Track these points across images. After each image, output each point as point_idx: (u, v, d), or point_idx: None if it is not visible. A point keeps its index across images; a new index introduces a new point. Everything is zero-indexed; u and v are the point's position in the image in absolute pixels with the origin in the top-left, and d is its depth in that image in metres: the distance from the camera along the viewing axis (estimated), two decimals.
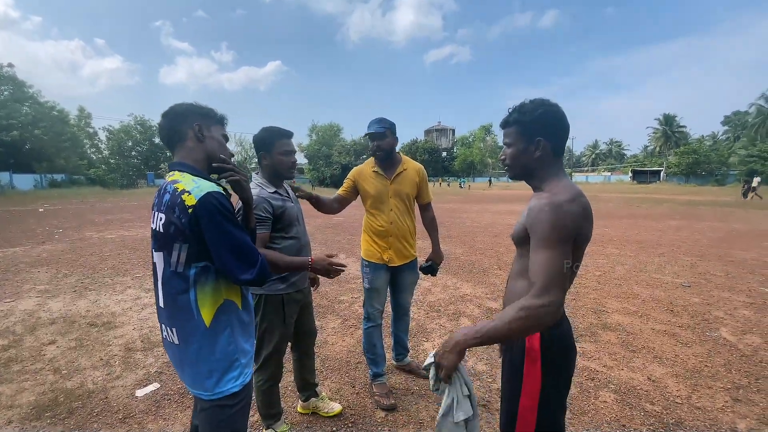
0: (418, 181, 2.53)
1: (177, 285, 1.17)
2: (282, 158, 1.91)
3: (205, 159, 1.28)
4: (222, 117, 1.35)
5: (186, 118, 1.26)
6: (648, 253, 6.75)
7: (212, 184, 1.19)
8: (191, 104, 1.29)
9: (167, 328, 1.23)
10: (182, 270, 1.16)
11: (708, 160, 42.24)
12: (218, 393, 1.22)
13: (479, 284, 5.01)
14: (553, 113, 1.18)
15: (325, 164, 41.96)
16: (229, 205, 1.17)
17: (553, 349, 1.18)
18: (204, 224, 1.11)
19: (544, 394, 1.18)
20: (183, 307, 1.18)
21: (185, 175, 1.20)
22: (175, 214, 1.12)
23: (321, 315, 3.92)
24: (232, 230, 1.15)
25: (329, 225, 10.59)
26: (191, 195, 1.12)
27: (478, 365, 2.92)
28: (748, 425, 2.21)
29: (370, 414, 2.36)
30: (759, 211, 14.43)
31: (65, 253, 6.93)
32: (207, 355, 1.19)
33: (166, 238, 1.16)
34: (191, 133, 1.25)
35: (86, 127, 43.24)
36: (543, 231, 1.07)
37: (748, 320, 3.71)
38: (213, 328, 1.19)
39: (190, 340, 1.19)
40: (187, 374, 1.23)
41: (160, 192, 1.22)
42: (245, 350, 1.28)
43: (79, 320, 3.82)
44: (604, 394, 2.53)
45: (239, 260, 1.15)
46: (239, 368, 1.25)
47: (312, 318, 2.25)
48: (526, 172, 1.24)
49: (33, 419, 2.30)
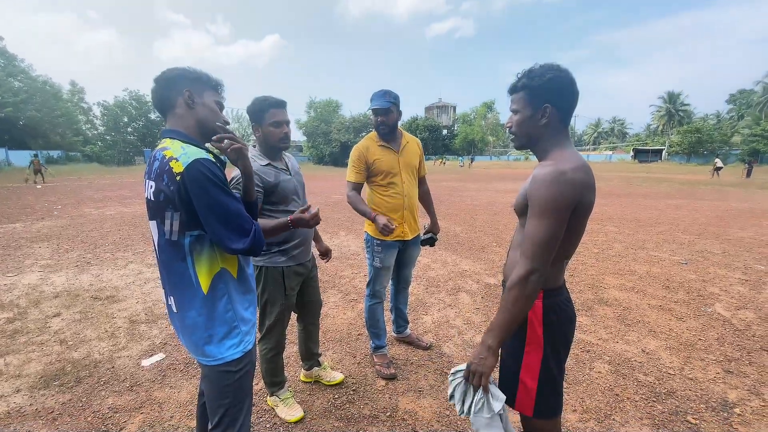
0: (419, 153, 2.52)
1: (173, 253, 1.17)
2: (273, 129, 1.84)
3: (197, 126, 1.23)
4: (216, 82, 1.30)
5: (176, 84, 1.21)
6: (646, 232, 6.78)
7: (201, 151, 1.15)
8: (183, 69, 1.23)
9: (168, 296, 1.24)
10: (176, 239, 1.15)
11: (711, 140, 41.85)
12: (219, 359, 1.23)
13: (478, 260, 5.05)
14: (563, 78, 1.14)
15: (324, 141, 41.44)
16: (219, 172, 1.14)
17: (553, 316, 1.20)
18: (192, 192, 1.08)
19: (546, 360, 1.21)
20: (180, 275, 1.18)
21: (175, 142, 1.17)
22: (164, 181, 1.10)
23: (322, 290, 3.96)
24: (222, 198, 1.11)
25: (328, 203, 10.58)
26: (179, 162, 1.09)
27: (476, 337, 2.98)
28: (738, 395, 2.27)
29: (371, 383, 2.43)
30: (758, 190, 14.42)
31: (65, 229, 6.94)
32: (206, 321, 1.20)
33: (158, 207, 1.14)
34: (181, 99, 1.20)
35: (80, 103, 42.45)
36: (540, 200, 1.08)
37: (743, 296, 3.77)
38: (210, 295, 1.19)
39: (189, 306, 1.19)
40: (189, 341, 1.24)
41: (151, 160, 1.19)
42: (245, 318, 1.29)
43: (82, 294, 3.86)
44: (599, 365, 2.59)
45: (230, 229, 1.12)
46: (239, 335, 1.26)
47: (317, 289, 2.27)
48: (532, 140, 1.22)
49: (41, 388, 2.36)
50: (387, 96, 2.28)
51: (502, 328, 1.13)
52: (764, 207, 9.83)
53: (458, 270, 4.66)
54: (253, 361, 1.36)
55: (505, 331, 1.13)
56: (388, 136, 2.38)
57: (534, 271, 1.08)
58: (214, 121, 1.25)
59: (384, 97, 2.27)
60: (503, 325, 1.12)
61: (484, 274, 4.51)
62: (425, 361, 2.67)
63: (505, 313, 1.12)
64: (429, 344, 2.84)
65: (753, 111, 48.40)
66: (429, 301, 3.73)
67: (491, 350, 1.13)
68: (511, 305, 1.11)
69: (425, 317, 3.37)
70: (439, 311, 3.49)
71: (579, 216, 1.13)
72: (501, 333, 1.13)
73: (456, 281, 4.26)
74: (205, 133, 1.25)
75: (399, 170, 2.39)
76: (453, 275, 4.47)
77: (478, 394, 1.17)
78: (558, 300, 1.22)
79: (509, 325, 1.12)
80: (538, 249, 1.08)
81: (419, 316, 3.38)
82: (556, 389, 1.26)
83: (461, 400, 1.22)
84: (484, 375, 1.14)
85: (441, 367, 2.59)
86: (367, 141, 2.41)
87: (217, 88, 1.30)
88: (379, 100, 2.27)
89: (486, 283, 4.20)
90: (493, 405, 1.16)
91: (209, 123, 1.24)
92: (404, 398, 2.27)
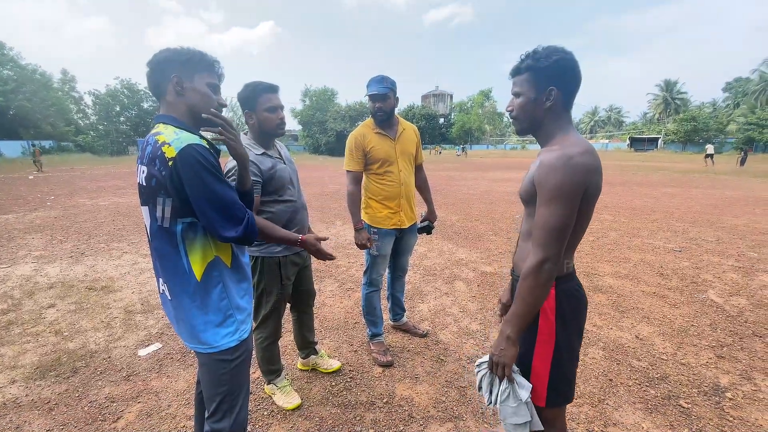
0: (416, 140, 2.50)
1: (165, 240, 1.15)
2: (268, 115, 1.79)
3: (188, 113, 1.19)
4: (210, 62, 1.22)
5: (164, 70, 1.16)
6: (641, 219, 6.82)
7: (194, 136, 1.13)
8: (173, 51, 1.17)
9: (162, 283, 1.22)
10: (168, 225, 1.13)
11: (706, 128, 41.93)
12: (214, 347, 1.22)
13: (474, 249, 5.06)
14: (569, 61, 1.11)
15: (319, 130, 41.07)
16: (213, 159, 1.11)
17: (565, 303, 1.19)
18: (185, 177, 1.06)
19: (558, 347, 1.20)
20: (173, 262, 1.16)
21: (168, 128, 1.14)
22: (156, 166, 1.08)
23: (319, 279, 3.96)
24: (214, 184, 1.09)
25: (325, 192, 10.53)
26: (171, 147, 1.06)
27: (472, 325, 3.00)
28: (730, 380, 2.31)
29: (368, 370, 2.44)
30: (752, 178, 14.51)
31: (59, 220, 6.87)
32: (200, 309, 1.19)
33: (149, 192, 1.12)
34: (170, 86, 1.16)
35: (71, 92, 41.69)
36: (550, 186, 1.06)
37: (736, 283, 3.81)
38: (204, 283, 1.18)
39: (183, 294, 1.18)
40: (183, 328, 1.23)
41: (144, 145, 1.17)
42: (240, 306, 1.28)
43: (77, 284, 3.84)
44: (593, 351, 2.62)
45: (222, 216, 1.10)
46: (234, 324, 1.25)
47: (311, 279, 2.27)
48: (535, 124, 1.19)
49: (37, 378, 2.35)
50: (384, 82, 2.24)
51: (519, 318, 1.12)
52: (758, 195, 9.90)
53: (454, 258, 4.67)
54: (250, 349, 1.36)
55: (523, 321, 1.13)
56: (385, 122, 2.34)
57: (548, 260, 1.07)
58: (206, 106, 1.20)
59: (381, 82, 2.24)
60: (521, 315, 1.12)
61: (480, 262, 4.53)
62: (422, 348, 2.69)
63: (521, 303, 1.12)
64: (425, 332, 2.86)
65: (749, 99, 48.43)
66: (425, 289, 3.74)
67: (510, 340, 1.14)
68: (526, 295, 1.10)
69: (422, 305, 3.38)
70: (435, 299, 3.50)
71: (588, 201, 1.11)
72: (519, 323, 1.13)
73: (452, 270, 4.27)
74: (197, 118, 1.21)
75: (396, 158, 2.36)
76: (449, 264, 4.48)
77: (503, 384, 1.18)
78: (569, 286, 1.21)
79: (526, 315, 1.12)
80: (551, 237, 1.07)
81: (416, 304, 3.40)
82: (567, 377, 1.25)
83: (488, 390, 1.24)
84: (506, 365, 1.15)
85: (437, 355, 2.61)
86: (363, 128, 2.37)
87: (211, 68, 1.23)
88: (377, 86, 2.23)
89: (482, 271, 4.22)
90: (519, 393, 1.17)
91: (200, 109, 1.20)
92: (401, 385, 2.29)
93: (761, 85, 48.45)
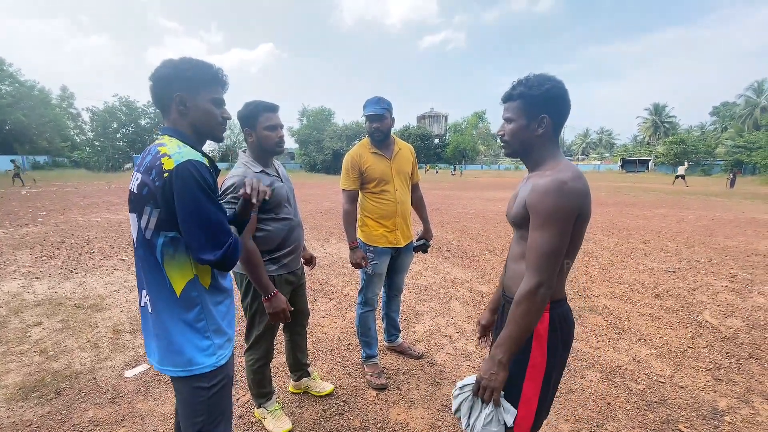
0: (412, 160, 2.53)
1: (148, 251, 1.13)
2: (268, 133, 1.82)
3: (192, 130, 1.19)
4: (213, 74, 1.18)
5: (168, 86, 1.14)
6: (635, 240, 6.86)
7: (196, 153, 1.12)
8: (176, 66, 1.14)
9: (145, 295, 1.18)
10: (150, 237, 1.11)
11: (695, 150, 42.86)
12: (187, 370, 1.16)
13: (470, 269, 5.05)
14: (559, 89, 1.14)
15: (316, 149, 41.44)
16: (210, 179, 1.10)
17: (558, 327, 1.19)
18: (176, 191, 1.05)
19: (548, 371, 1.19)
20: (155, 274, 1.13)
21: (173, 140, 1.14)
22: (151, 176, 1.07)
23: (313, 298, 3.91)
24: (204, 203, 1.07)
25: (320, 210, 10.53)
26: (171, 159, 1.06)
27: (468, 346, 2.96)
28: (728, 403, 2.28)
29: (362, 393, 2.38)
30: (742, 200, 14.74)
31: (49, 236, 6.78)
32: (177, 327, 1.15)
33: (139, 200, 1.10)
34: (173, 104, 1.15)
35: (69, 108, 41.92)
36: (546, 210, 1.06)
37: (730, 304, 3.82)
38: (183, 301, 1.14)
39: (164, 308, 1.14)
40: (157, 347, 1.17)
41: (145, 154, 1.16)
42: (220, 329, 1.22)
43: (65, 302, 3.75)
44: (591, 373, 2.59)
45: (204, 237, 1.07)
46: (211, 348, 1.19)
47: (305, 298, 2.23)
48: (525, 149, 1.21)
49: (19, 399, 2.27)
50: (381, 102, 2.29)
51: (512, 342, 1.11)
52: (748, 216, 10.04)
53: (450, 278, 4.65)
54: (230, 376, 1.29)
55: (516, 345, 1.12)
56: (382, 142, 2.37)
57: (542, 284, 1.07)
58: (210, 123, 1.21)
59: (378, 103, 2.28)
60: (513, 339, 1.11)
61: (476, 282, 4.51)
62: (417, 370, 2.64)
63: (514, 327, 1.10)
64: (421, 353, 2.81)
65: (736, 123, 49.77)
66: (421, 309, 3.70)
67: (502, 365, 1.12)
68: (520, 319, 1.09)
69: (417, 326, 3.34)
70: (430, 320, 3.46)
71: (580, 225, 1.13)
72: (511, 347, 1.11)
73: (448, 289, 4.24)
74: (202, 135, 1.22)
75: (391, 177, 2.38)
76: (445, 283, 4.45)
77: (487, 408, 1.16)
78: (562, 310, 1.21)
79: (519, 339, 1.11)
80: (545, 261, 1.07)
81: (411, 325, 3.35)
82: (550, 399, 1.25)
83: (467, 414, 1.21)
84: (495, 390, 1.13)
85: (433, 377, 2.56)
86: (360, 148, 2.40)
87: (215, 81, 1.20)
88: (374, 107, 2.27)
89: (478, 291, 4.19)
90: (505, 418, 1.15)
91: (204, 127, 1.20)
92: (395, 409, 2.23)
93: (747, 110, 49.95)
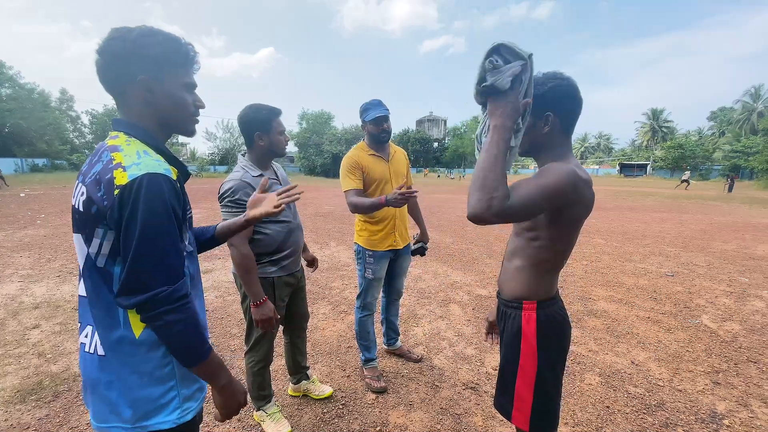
0: (407, 163, 2.56)
1: (99, 281, 0.89)
2: (280, 138, 1.88)
3: (156, 122, 0.95)
4: (185, 53, 0.95)
5: (125, 68, 0.88)
6: (633, 244, 6.88)
7: (159, 163, 0.87)
8: (134, 40, 0.88)
9: (89, 334, 0.92)
10: (103, 265, 0.87)
11: (693, 155, 43.08)
12: (138, 427, 0.90)
13: (469, 272, 5.05)
14: (566, 87, 1.13)
15: (315, 153, 41.55)
16: (174, 199, 0.87)
17: (546, 328, 1.19)
18: (126, 210, 0.81)
19: (540, 372, 1.19)
20: (107, 309, 0.89)
21: (133, 143, 0.89)
22: (99, 192, 0.83)
23: (312, 301, 3.91)
24: (151, 230, 0.82)
25: (320, 214, 10.53)
26: (125, 173, 0.82)
27: (467, 349, 2.96)
28: (727, 407, 2.29)
29: (361, 396, 2.38)
30: (740, 204, 14.80)
31: (48, 238, 6.77)
32: (133, 373, 0.89)
33: (86, 220, 0.86)
34: (136, 89, 0.90)
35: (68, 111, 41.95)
36: (544, 176, 1.06)
37: (728, 308, 3.83)
38: (144, 344, 0.90)
39: (115, 351, 0.89)
40: (100, 397, 0.91)
41: (93, 158, 0.90)
42: (190, 377, 0.97)
43: (63, 305, 3.74)
44: (590, 377, 2.59)
45: (129, 273, 0.82)
46: (176, 400, 0.94)
47: (305, 301, 2.24)
48: (534, 148, 1.21)
49: (17, 402, 2.26)
50: (383, 104, 2.33)
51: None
52: (746, 220, 10.08)
53: (449, 281, 4.65)
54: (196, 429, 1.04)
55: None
56: (386, 144, 2.40)
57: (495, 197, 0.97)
58: (181, 115, 0.98)
59: (381, 105, 2.32)
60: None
61: (475, 285, 4.51)
62: (416, 374, 2.64)
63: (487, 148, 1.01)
64: (420, 357, 2.81)
65: (733, 128, 50.10)
66: (420, 312, 3.70)
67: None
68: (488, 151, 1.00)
69: (416, 329, 3.34)
70: (429, 323, 3.46)
71: (575, 220, 1.13)
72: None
73: (447, 293, 4.25)
74: (169, 130, 0.99)
75: (390, 178, 2.40)
76: (444, 287, 4.45)
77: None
78: (551, 310, 1.21)
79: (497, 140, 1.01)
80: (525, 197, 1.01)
81: (410, 328, 3.35)
82: (552, 401, 1.23)
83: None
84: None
85: (432, 380, 2.56)
86: (357, 151, 2.39)
87: (187, 61, 0.96)
88: (380, 108, 2.30)
89: (477, 294, 4.19)
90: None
91: (173, 119, 0.97)
92: (395, 412, 2.23)
93: (744, 115, 50.27)
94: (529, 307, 1.21)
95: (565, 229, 1.15)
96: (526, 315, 1.20)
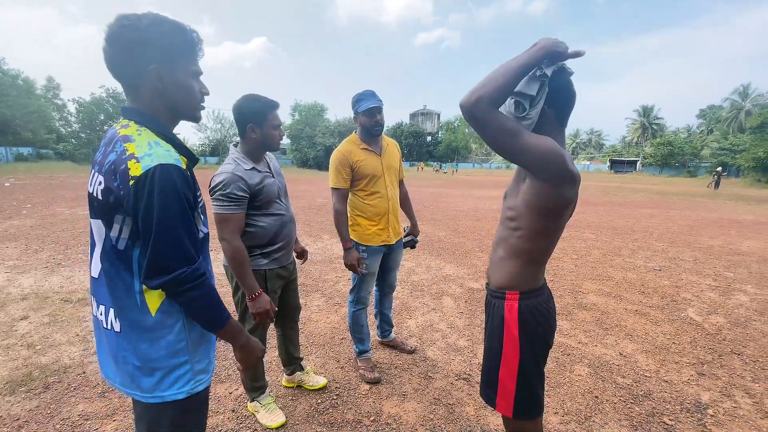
0: (399, 155, 2.54)
1: (119, 263, 0.95)
2: (274, 132, 1.83)
3: (167, 111, 1.00)
4: (193, 42, 0.99)
5: (140, 55, 0.91)
6: (622, 239, 6.99)
7: (170, 154, 0.92)
8: (146, 29, 0.90)
9: (106, 308, 1.00)
10: (124, 248, 0.94)
11: (682, 152, 43.74)
12: (157, 396, 0.99)
13: (462, 265, 5.09)
14: (559, 81, 1.14)
15: (308, 145, 41.26)
16: (186, 188, 0.93)
17: (529, 318, 1.21)
18: (141, 202, 0.88)
19: (523, 361, 1.22)
20: (126, 290, 0.96)
21: (144, 133, 0.94)
22: (116, 182, 0.89)
23: (305, 293, 3.91)
24: (168, 217, 0.89)
25: (312, 206, 10.49)
26: (139, 164, 0.87)
27: (460, 341, 2.99)
28: (711, 397, 2.35)
29: (355, 387, 2.40)
30: (727, 201, 15.10)
31: (35, 229, 6.64)
32: (150, 348, 0.98)
33: (106, 208, 0.93)
34: (147, 79, 0.94)
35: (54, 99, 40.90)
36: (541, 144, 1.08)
37: (714, 302, 3.92)
38: (160, 318, 0.97)
39: (133, 328, 0.97)
40: (122, 369, 1.00)
41: (107, 147, 0.94)
42: (201, 352, 1.06)
43: (52, 296, 3.69)
44: (579, 368, 2.64)
45: (151, 259, 0.90)
46: (189, 372, 1.02)
47: (296, 293, 2.23)
48: None
49: (6, 394, 2.23)
50: (376, 95, 2.28)
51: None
52: (732, 217, 10.30)
53: (442, 274, 4.69)
54: (202, 406, 1.12)
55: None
56: (379, 136, 2.36)
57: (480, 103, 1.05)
58: (190, 104, 1.03)
59: (375, 96, 2.26)
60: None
61: (468, 278, 4.55)
62: (409, 365, 2.67)
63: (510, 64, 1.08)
64: (413, 348, 2.84)
65: (721, 126, 50.90)
66: (413, 305, 3.73)
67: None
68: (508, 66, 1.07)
69: (409, 321, 3.36)
70: (423, 315, 3.49)
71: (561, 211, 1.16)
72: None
73: (440, 285, 4.28)
74: (179, 117, 1.04)
75: (383, 173, 2.37)
76: (437, 280, 4.48)
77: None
78: (535, 302, 1.23)
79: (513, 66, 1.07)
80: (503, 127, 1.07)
81: (403, 320, 3.38)
82: (535, 390, 1.26)
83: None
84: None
85: (425, 371, 2.58)
86: (348, 144, 2.34)
87: (194, 50, 1.01)
88: (373, 99, 2.24)
89: (469, 287, 4.23)
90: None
91: (183, 107, 1.02)
92: (388, 402, 2.26)
93: (732, 113, 51.08)
94: (511, 297, 1.23)
95: (546, 221, 1.17)
96: (509, 305, 1.23)
